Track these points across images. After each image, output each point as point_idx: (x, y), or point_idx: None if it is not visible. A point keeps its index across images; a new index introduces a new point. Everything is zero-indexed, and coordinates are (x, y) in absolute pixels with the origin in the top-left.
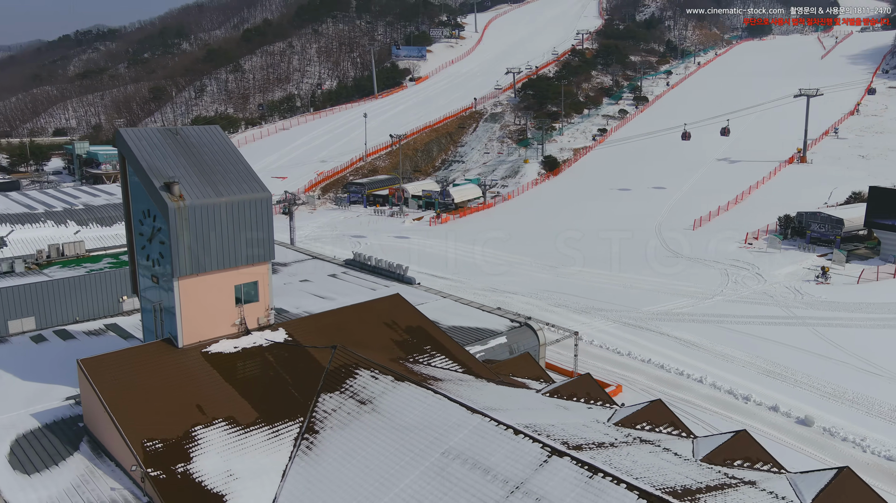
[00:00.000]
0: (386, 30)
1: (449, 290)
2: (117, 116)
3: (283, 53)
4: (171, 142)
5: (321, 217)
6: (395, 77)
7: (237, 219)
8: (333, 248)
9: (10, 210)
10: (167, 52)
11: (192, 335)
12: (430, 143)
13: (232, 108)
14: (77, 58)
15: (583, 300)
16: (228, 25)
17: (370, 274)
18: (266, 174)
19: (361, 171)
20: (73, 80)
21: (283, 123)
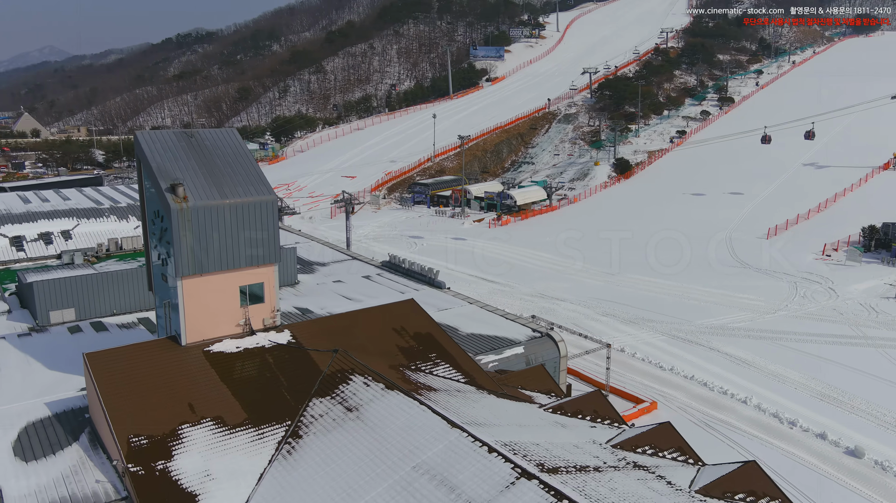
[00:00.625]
0: (466, 30)
1: (494, 295)
2: (207, 115)
3: (365, 55)
4: (185, 144)
5: (384, 217)
6: (471, 77)
7: (241, 221)
8: (389, 248)
9: (80, 205)
10: (258, 54)
11: (195, 334)
12: (500, 144)
13: (312, 108)
14: (177, 59)
15: (633, 310)
16: (317, 27)
17: (403, 276)
18: (336, 173)
19: (429, 171)
20: (171, 80)
21: (359, 123)
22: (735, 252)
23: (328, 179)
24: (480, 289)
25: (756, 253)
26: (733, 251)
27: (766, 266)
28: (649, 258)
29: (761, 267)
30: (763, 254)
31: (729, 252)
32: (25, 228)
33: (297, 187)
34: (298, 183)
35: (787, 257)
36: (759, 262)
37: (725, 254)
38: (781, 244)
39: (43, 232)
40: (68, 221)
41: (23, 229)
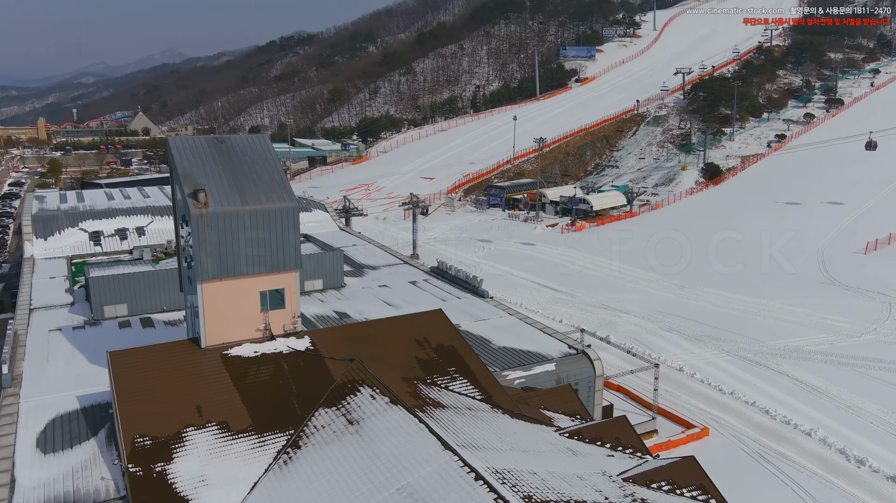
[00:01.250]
0: (558, 30)
1: (555, 304)
2: (302, 116)
3: (454, 55)
4: (215, 150)
5: (456, 219)
6: (559, 78)
7: (263, 227)
8: (457, 252)
9: (157, 202)
10: (354, 56)
11: (214, 337)
12: (583, 146)
13: (401, 108)
14: (279, 61)
15: (701, 326)
16: (412, 29)
17: (449, 283)
18: (416, 174)
19: (507, 174)
20: (271, 82)
21: (443, 124)
22: (826, 267)
23: (407, 180)
24: (541, 297)
25: (850, 269)
26: (824, 266)
27: (858, 284)
28: (727, 270)
29: (853, 285)
30: (857, 271)
31: (819, 266)
32: (104, 224)
33: (377, 188)
34: (378, 183)
35: (885, 275)
36: (852, 280)
37: (814, 269)
38: (881, 260)
39: (119, 228)
40: (143, 218)
41: (102, 225)
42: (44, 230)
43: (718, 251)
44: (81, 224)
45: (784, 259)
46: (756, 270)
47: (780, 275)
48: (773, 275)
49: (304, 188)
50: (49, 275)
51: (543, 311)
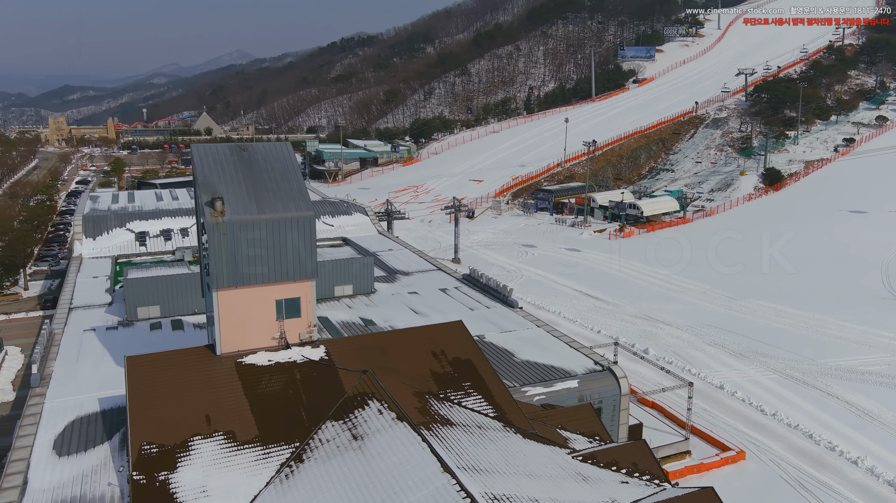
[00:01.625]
0: (617, 30)
1: (594, 314)
2: (357, 117)
3: (510, 56)
4: (237, 158)
5: (503, 222)
6: (616, 79)
7: (279, 236)
8: (499, 257)
9: None
10: (411, 57)
11: (230, 344)
12: (638, 149)
13: (455, 109)
14: (339, 62)
15: (748, 341)
16: (471, 29)
17: (479, 291)
18: (465, 177)
19: (557, 177)
20: (329, 83)
21: (495, 126)
22: (890, 280)
23: (456, 182)
24: (581, 306)
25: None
26: (888, 280)
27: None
28: (781, 282)
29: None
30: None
31: (883, 280)
32: (150, 225)
33: (425, 190)
34: (426, 185)
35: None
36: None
37: (877, 283)
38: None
39: (164, 229)
40: (187, 219)
41: (148, 225)
42: (93, 230)
43: (774, 262)
44: (129, 224)
45: (844, 271)
46: (812, 282)
47: (838, 289)
48: (830, 288)
49: (353, 189)
50: (93, 274)
51: (582, 321)
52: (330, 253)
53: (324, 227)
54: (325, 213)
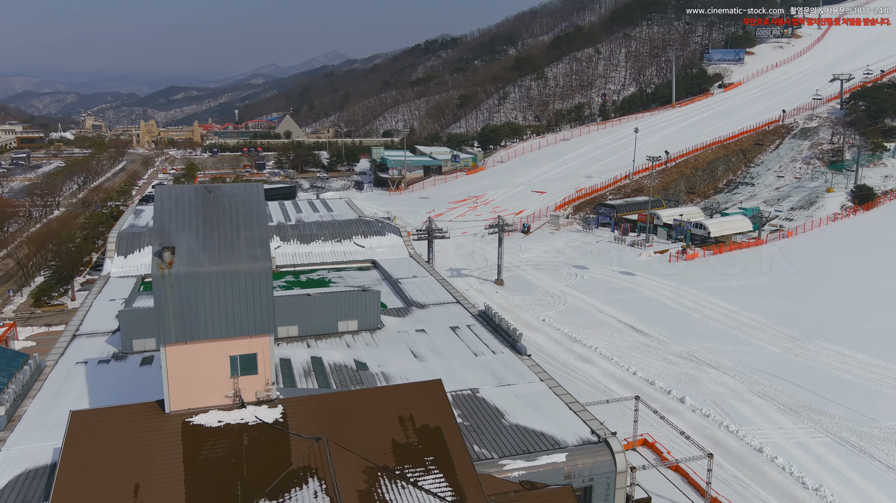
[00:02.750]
0: (705, 31)
1: (634, 351)
2: (432, 121)
3: (590, 59)
4: (201, 201)
5: (558, 239)
6: (700, 83)
7: (233, 289)
8: (546, 278)
9: None
10: (493, 59)
11: (180, 402)
12: (716, 160)
13: (531, 114)
14: (422, 65)
15: (802, 392)
16: (556, 31)
17: (491, 332)
18: (528, 187)
19: (624, 190)
20: (408, 86)
21: (565, 133)
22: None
23: (518, 193)
24: (622, 341)
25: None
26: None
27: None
28: (856, 321)
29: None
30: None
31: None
32: None
33: (484, 201)
34: (487, 196)
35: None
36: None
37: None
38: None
39: None
40: None
41: None
42: (126, 247)
43: (852, 296)
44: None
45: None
46: (892, 324)
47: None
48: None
49: (413, 198)
50: (112, 296)
51: (619, 359)
52: (354, 276)
53: (354, 249)
54: (357, 233)
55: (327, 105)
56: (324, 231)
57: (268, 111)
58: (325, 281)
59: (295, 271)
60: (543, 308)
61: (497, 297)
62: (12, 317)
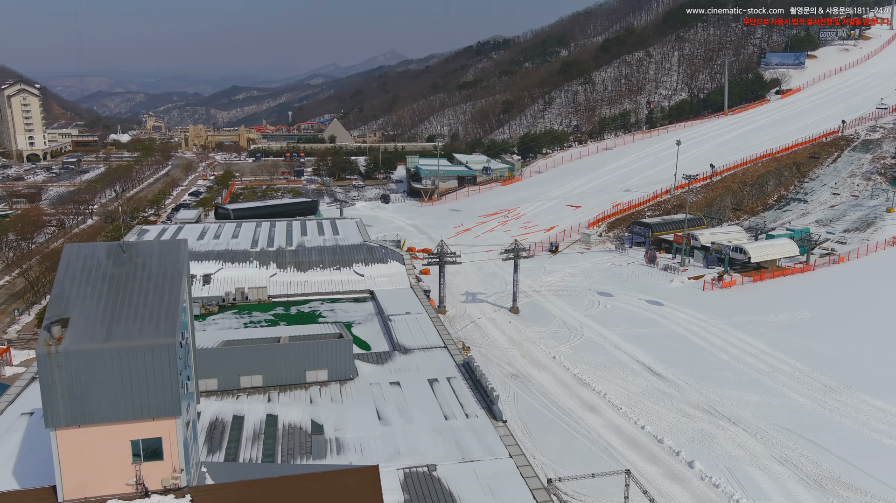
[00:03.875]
0: (765, 33)
1: (647, 399)
2: (476, 126)
3: (640, 63)
4: (110, 262)
5: (587, 260)
6: (756, 89)
7: (130, 367)
8: (566, 306)
9: (235, 245)
10: (544, 61)
11: (74, 490)
12: (766, 175)
13: (577, 120)
14: (473, 67)
15: (832, 460)
16: (611, 31)
17: (470, 388)
18: (563, 201)
19: (664, 206)
20: (455, 89)
21: (608, 142)
22: None
23: (552, 207)
24: (636, 386)
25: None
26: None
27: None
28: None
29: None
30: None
31: None
32: None
33: (516, 215)
34: (519, 209)
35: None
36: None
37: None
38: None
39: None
40: (212, 265)
41: None
42: None
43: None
44: None
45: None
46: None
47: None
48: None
49: (444, 210)
50: None
51: (629, 409)
52: (347, 310)
53: (353, 278)
54: (358, 260)
55: (377, 108)
56: (323, 258)
57: (320, 113)
58: (315, 314)
59: (287, 302)
60: (557, 342)
61: (509, 328)
62: (7, 341)
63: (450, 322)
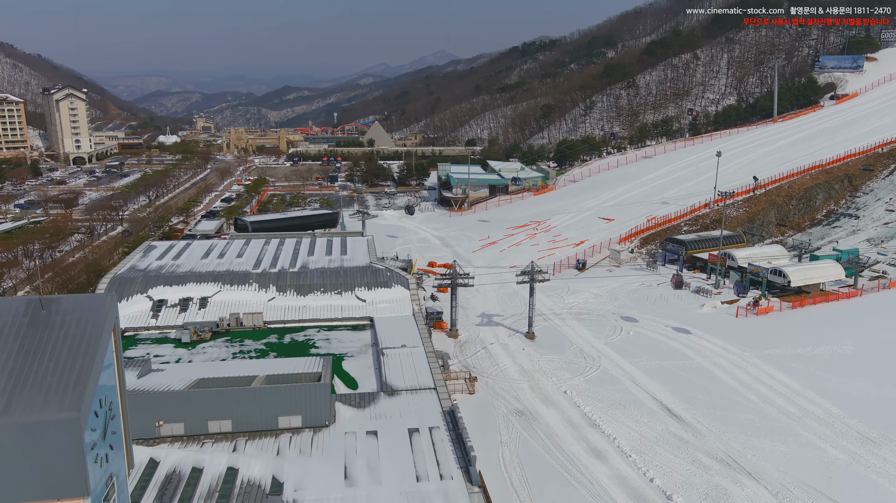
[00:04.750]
0: (821, 34)
1: (659, 446)
2: (516, 131)
3: (687, 66)
4: (27, 320)
5: (615, 279)
6: (808, 95)
7: (32, 444)
8: (584, 332)
9: (238, 266)
10: (591, 62)
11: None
12: (814, 188)
13: (619, 126)
14: (518, 68)
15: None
16: (660, 31)
17: (451, 442)
18: (596, 213)
19: (703, 220)
20: (496, 92)
21: (648, 150)
22: None
23: (584, 220)
24: (650, 430)
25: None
26: None
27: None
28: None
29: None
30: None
31: None
32: (172, 291)
33: (545, 227)
34: (550, 222)
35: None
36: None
37: None
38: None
39: (184, 297)
40: (211, 287)
41: (170, 292)
42: (117, 294)
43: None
44: (151, 290)
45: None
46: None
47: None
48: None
49: (473, 220)
50: None
51: (638, 457)
52: (342, 339)
53: (354, 304)
54: (362, 284)
55: (419, 109)
56: (325, 281)
57: (365, 114)
58: (308, 344)
59: (284, 328)
60: (570, 374)
61: (521, 356)
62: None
63: (460, 347)
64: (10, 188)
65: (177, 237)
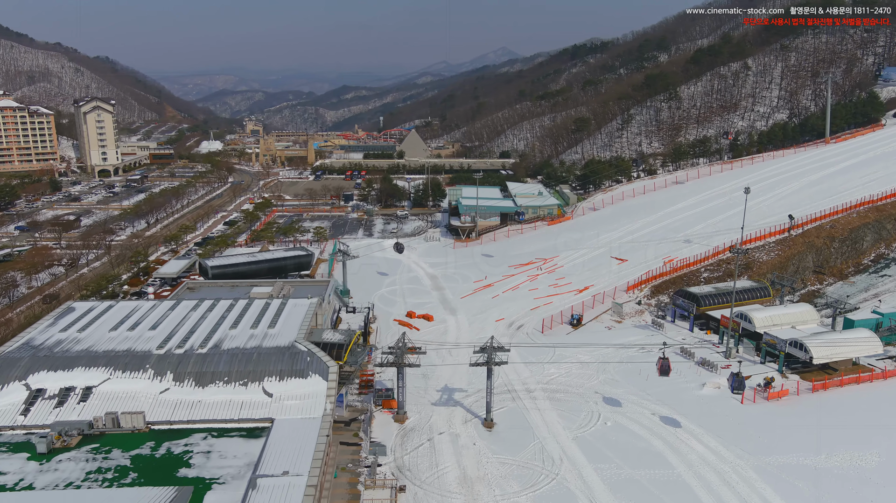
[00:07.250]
0: (889, 41)
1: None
2: (550, 143)
3: (736, 76)
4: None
5: (613, 339)
6: (867, 112)
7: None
8: (553, 419)
9: (147, 343)
10: (642, 66)
11: None
12: (862, 227)
13: (657, 141)
14: (567, 72)
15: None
16: (717, 34)
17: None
18: (609, 250)
19: (726, 265)
20: (536, 99)
21: (680, 174)
22: None
23: (594, 259)
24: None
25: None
26: None
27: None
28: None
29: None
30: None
31: None
32: (56, 378)
33: (550, 267)
34: (557, 260)
35: None
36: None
37: None
38: None
39: (66, 387)
40: (101, 372)
41: (53, 379)
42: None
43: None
44: (33, 376)
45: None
46: None
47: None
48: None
49: (477, 253)
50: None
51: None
52: (225, 454)
53: (257, 400)
54: (273, 373)
55: (460, 115)
56: (233, 367)
57: (413, 118)
58: (181, 461)
59: (165, 431)
60: (519, 486)
61: (468, 456)
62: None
63: (403, 437)
64: (24, 205)
65: (150, 275)
